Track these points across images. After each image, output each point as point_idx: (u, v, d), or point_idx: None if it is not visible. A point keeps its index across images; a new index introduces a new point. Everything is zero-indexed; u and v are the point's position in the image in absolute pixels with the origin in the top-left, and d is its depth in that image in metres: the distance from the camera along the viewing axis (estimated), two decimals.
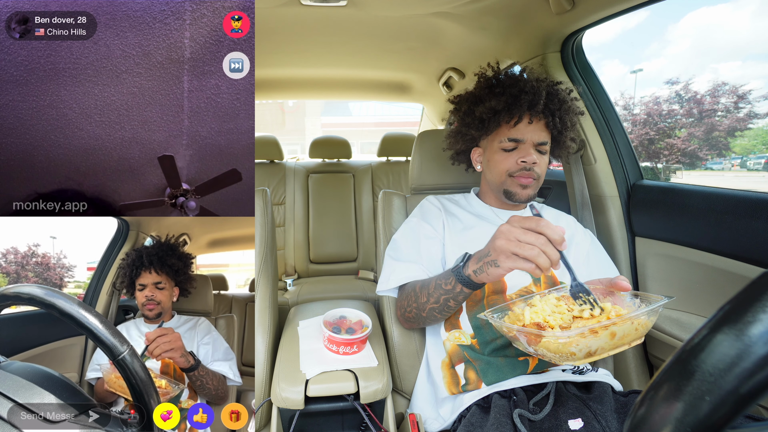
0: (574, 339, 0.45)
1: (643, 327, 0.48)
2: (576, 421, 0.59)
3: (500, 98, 0.77)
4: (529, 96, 0.74)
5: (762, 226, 0.70)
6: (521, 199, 0.79)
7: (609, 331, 0.46)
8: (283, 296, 1.67)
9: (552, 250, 0.48)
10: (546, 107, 0.76)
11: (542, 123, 0.77)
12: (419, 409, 0.77)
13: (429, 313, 0.70)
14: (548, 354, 0.48)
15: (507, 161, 0.78)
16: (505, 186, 0.80)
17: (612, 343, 0.47)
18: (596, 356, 0.47)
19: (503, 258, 0.51)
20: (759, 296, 0.22)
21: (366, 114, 14.35)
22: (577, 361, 0.47)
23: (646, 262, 0.95)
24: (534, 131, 0.77)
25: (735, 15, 20.64)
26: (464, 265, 0.60)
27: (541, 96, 0.74)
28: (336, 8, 1.04)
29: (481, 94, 0.81)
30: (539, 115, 0.76)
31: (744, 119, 5.33)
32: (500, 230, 0.52)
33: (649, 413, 0.24)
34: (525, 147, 0.77)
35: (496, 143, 0.80)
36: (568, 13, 0.88)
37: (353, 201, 2.05)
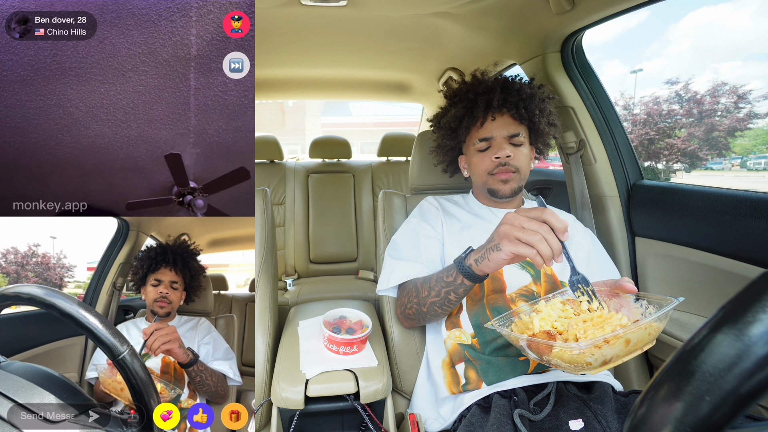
0: (589, 349, 0.45)
1: (656, 330, 0.48)
2: (576, 422, 0.59)
3: (459, 105, 0.84)
4: (484, 96, 0.80)
5: (762, 226, 0.70)
6: (505, 195, 0.81)
7: (624, 339, 0.45)
8: (283, 296, 1.67)
9: (554, 239, 0.49)
10: (505, 101, 0.79)
11: (507, 116, 0.81)
12: (419, 409, 0.77)
13: (429, 308, 0.70)
14: (562, 364, 0.47)
15: (483, 161, 0.82)
16: (488, 185, 0.83)
17: (626, 350, 0.46)
18: (611, 363, 0.46)
19: (506, 242, 0.52)
20: (759, 296, 0.22)
21: (366, 114, 14.35)
22: (593, 370, 0.46)
23: (646, 262, 0.95)
24: (501, 126, 0.80)
25: (736, 15, 20.65)
26: (466, 256, 0.61)
27: (495, 93, 0.79)
28: (336, 8, 1.04)
29: (446, 107, 0.89)
30: (500, 110, 0.80)
31: (744, 119, 5.33)
32: (506, 217, 0.54)
33: (649, 413, 0.24)
34: (497, 143, 0.80)
35: (471, 147, 0.84)
36: (568, 13, 0.88)
37: (353, 201, 2.05)
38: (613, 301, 0.56)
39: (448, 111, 0.87)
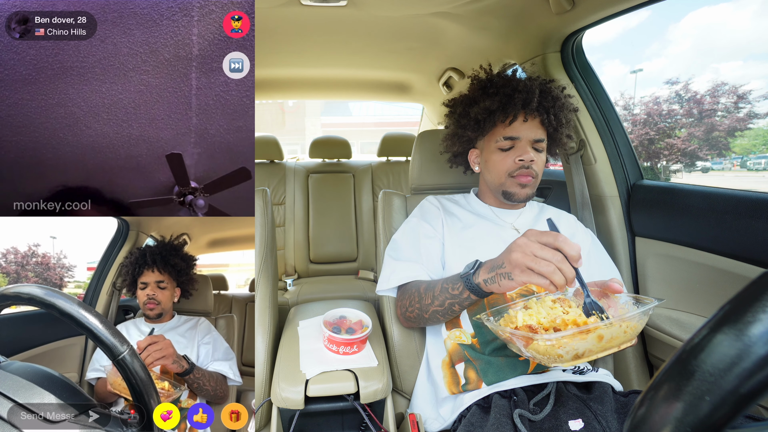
0: (561, 342, 0.45)
1: (633, 330, 0.48)
2: (576, 422, 0.59)
3: (494, 98, 0.78)
4: (522, 94, 0.76)
5: (762, 226, 0.70)
6: (520, 199, 0.80)
7: (596, 334, 0.46)
8: (283, 296, 1.67)
9: (568, 267, 0.48)
10: (540, 104, 0.77)
11: (537, 120, 0.78)
12: (419, 409, 0.77)
13: (432, 315, 0.70)
14: (538, 356, 0.48)
15: (505, 161, 0.79)
16: (504, 187, 0.80)
17: (600, 346, 0.46)
18: (584, 358, 0.47)
19: (518, 272, 0.51)
20: (759, 296, 0.22)
21: (366, 114, 14.34)
22: (565, 363, 0.47)
23: (646, 262, 0.95)
24: (530, 129, 0.78)
25: (736, 14, 20.63)
26: (474, 273, 0.59)
27: (534, 94, 0.76)
28: (336, 8, 1.04)
29: (475, 95, 0.83)
30: (534, 113, 0.77)
31: (744, 119, 5.33)
32: (516, 243, 0.52)
33: (649, 413, 0.24)
34: (521, 145, 0.78)
35: (492, 143, 0.81)
36: (568, 13, 0.88)
37: (353, 201, 2.05)
38: (602, 301, 0.57)
39: (478, 101, 0.81)
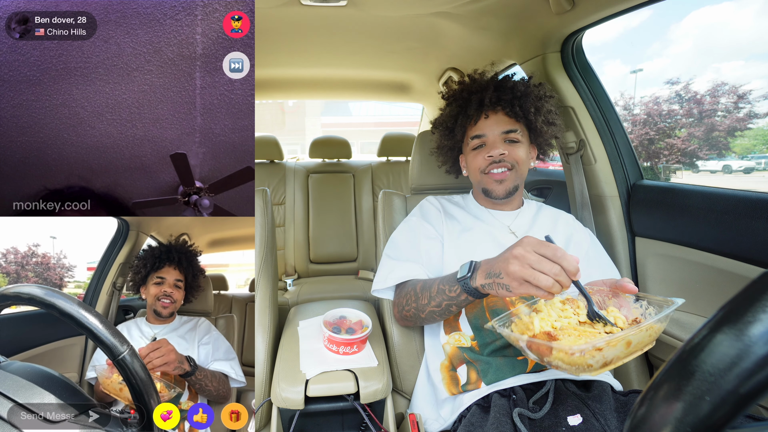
0: (590, 351, 0.44)
1: (656, 332, 0.48)
2: (575, 417, 0.59)
3: (454, 105, 0.86)
4: (477, 95, 0.81)
5: (762, 226, 0.70)
6: (499, 195, 0.81)
7: (625, 341, 0.45)
8: (283, 296, 1.67)
9: (566, 279, 0.48)
10: (498, 99, 0.80)
11: (501, 114, 0.81)
12: (419, 410, 0.77)
13: (428, 315, 0.70)
14: (563, 366, 0.47)
15: (477, 159, 0.82)
16: (482, 185, 0.83)
17: (627, 351, 0.46)
18: (612, 365, 0.46)
19: (516, 284, 0.51)
20: (759, 296, 0.22)
21: (366, 114, 14.35)
22: (593, 372, 0.46)
23: (646, 262, 0.95)
24: (495, 123, 0.80)
25: (738, 14, 20.59)
26: (471, 276, 0.59)
27: (488, 91, 0.80)
28: (336, 8, 1.04)
29: (444, 107, 0.90)
30: (494, 108, 0.80)
31: (744, 119, 5.32)
32: (514, 254, 0.51)
33: (649, 413, 0.24)
34: (491, 141, 0.81)
35: (468, 146, 0.85)
36: (568, 13, 0.88)
37: (353, 201, 2.05)
38: (613, 301, 0.56)
39: (444, 111, 0.89)
